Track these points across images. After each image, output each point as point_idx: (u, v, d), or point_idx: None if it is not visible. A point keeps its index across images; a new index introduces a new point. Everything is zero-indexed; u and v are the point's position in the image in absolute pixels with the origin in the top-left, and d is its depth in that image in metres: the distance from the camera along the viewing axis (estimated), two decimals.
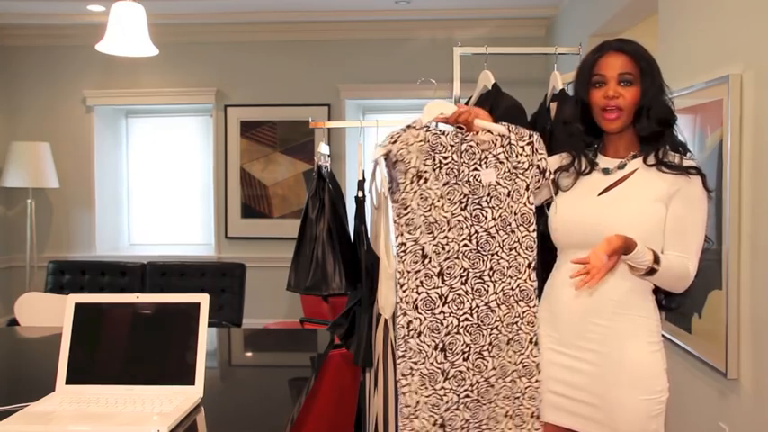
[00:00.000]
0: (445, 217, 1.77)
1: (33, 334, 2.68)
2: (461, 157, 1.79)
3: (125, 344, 1.70)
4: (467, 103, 2.84)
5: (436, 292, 1.77)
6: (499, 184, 1.77)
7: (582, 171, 1.83)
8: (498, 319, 1.77)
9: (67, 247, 6.02)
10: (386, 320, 2.59)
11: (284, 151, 5.86)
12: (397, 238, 1.80)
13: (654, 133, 1.75)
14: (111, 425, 1.43)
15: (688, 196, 1.71)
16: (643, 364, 1.72)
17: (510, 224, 1.77)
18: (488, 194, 1.77)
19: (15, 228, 5.94)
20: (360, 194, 2.69)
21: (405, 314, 1.80)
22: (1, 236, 5.92)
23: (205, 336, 1.66)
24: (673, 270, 1.68)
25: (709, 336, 2.40)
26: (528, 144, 1.80)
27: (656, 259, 1.65)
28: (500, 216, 1.77)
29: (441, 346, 1.78)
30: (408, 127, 1.82)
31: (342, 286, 2.62)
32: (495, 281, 1.77)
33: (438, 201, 1.77)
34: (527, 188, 1.79)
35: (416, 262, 1.78)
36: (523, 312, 1.78)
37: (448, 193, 1.77)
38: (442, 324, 1.78)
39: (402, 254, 1.79)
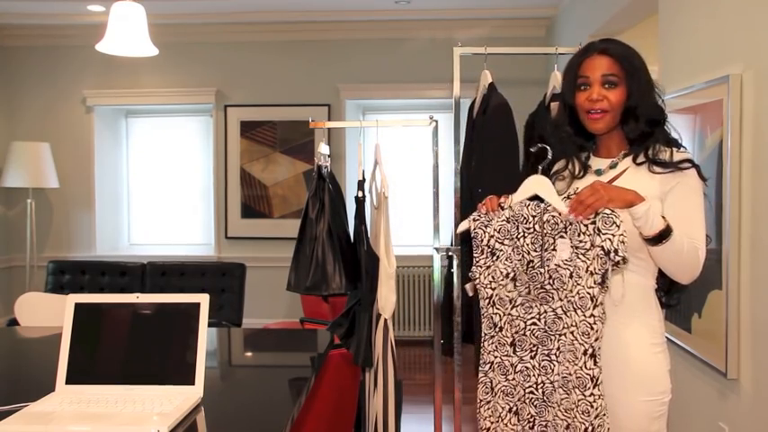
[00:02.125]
0: (508, 296, 1.78)
1: (33, 334, 2.68)
2: (543, 228, 1.75)
3: (125, 344, 1.69)
4: (471, 104, 2.84)
5: (508, 360, 1.80)
6: (559, 266, 1.72)
7: (576, 174, 1.83)
8: (557, 402, 1.74)
9: (67, 247, 6.02)
10: (386, 320, 2.59)
11: (284, 151, 5.86)
12: (482, 299, 1.85)
13: (643, 133, 1.74)
14: (110, 425, 1.43)
15: (684, 187, 1.69)
16: (645, 366, 1.72)
17: (574, 304, 1.73)
18: (550, 276, 1.73)
19: (15, 228, 5.95)
20: (360, 194, 2.70)
21: (485, 374, 1.83)
22: (1, 236, 5.93)
23: (205, 336, 1.65)
24: (684, 248, 1.65)
25: (710, 336, 2.40)
26: (591, 223, 1.69)
27: (669, 225, 1.63)
28: (566, 297, 1.73)
29: (514, 409, 1.80)
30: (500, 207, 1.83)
31: (342, 286, 2.62)
32: (561, 361, 1.73)
33: (503, 280, 1.78)
34: (587, 270, 1.70)
35: (491, 328, 1.82)
36: (578, 401, 1.70)
37: (514, 273, 1.78)
38: (514, 390, 1.79)
39: (482, 318, 1.85)
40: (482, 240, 1.82)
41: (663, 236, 1.63)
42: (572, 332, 1.72)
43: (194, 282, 4.93)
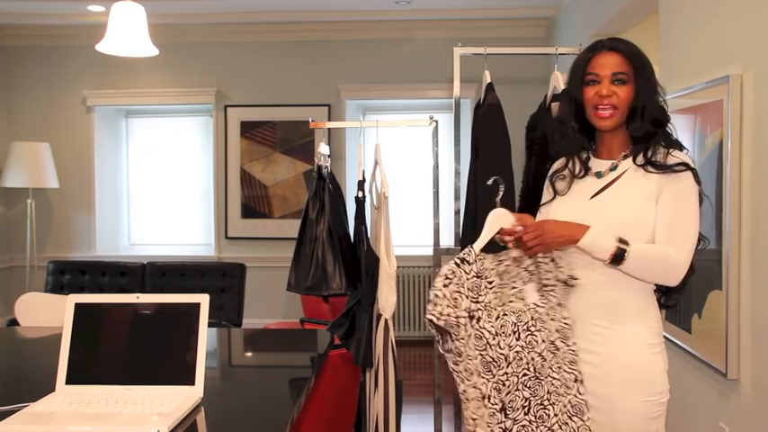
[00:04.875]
0: (503, 354, 1.71)
1: (33, 334, 2.68)
2: (501, 279, 1.73)
3: (125, 344, 1.69)
4: (477, 105, 2.84)
5: (500, 428, 1.72)
6: (537, 304, 1.73)
7: (576, 174, 1.83)
8: None
9: (67, 247, 6.02)
10: (386, 320, 2.59)
11: (284, 151, 5.86)
12: (458, 385, 1.75)
13: (647, 133, 1.74)
14: (111, 425, 1.43)
15: (675, 189, 1.69)
16: (643, 366, 1.72)
17: (553, 342, 1.73)
18: (532, 318, 1.72)
19: (15, 228, 5.95)
20: (360, 195, 2.70)
21: None
22: (1, 236, 5.93)
23: (205, 336, 1.65)
24: (649, 257, 1.66)
25: (710, 336, 2.40)
26: (551, 260, 1.75)
27: (621, 246, 1.63)
28: (546, 337, 1.73)
29: None
30: (462, 261, 1.71)
31: (342, 286, 2.62)
32: (554, 403, 1.73)
33: (493, 339, 1.71)
34: (559, 304, 1.74)
35: (479, 407, 1.73)
36: (578, 428, 1.73)
37: (501, 326, 1.71)
38: None
39: (466, 401, 1.74)
40: (459, 306, 1.70)
41: (618, 256, 1.64)
42: (560, 367, 1.73)
43: (194, 282, 4.93)
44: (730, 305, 2.26)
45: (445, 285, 1.70)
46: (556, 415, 1.73)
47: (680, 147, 1.77)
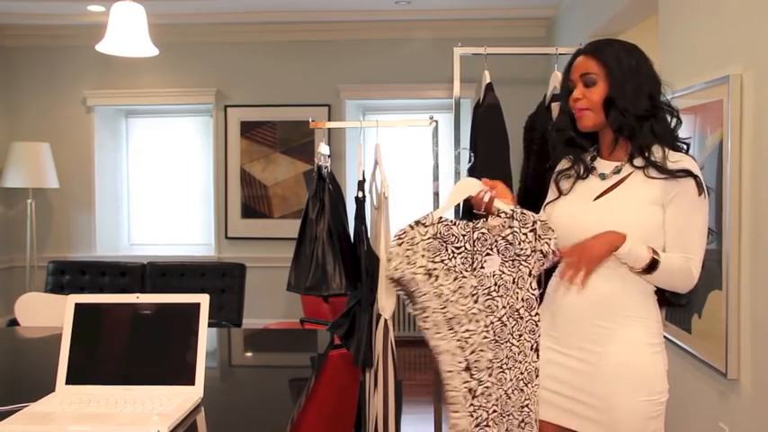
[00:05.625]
0: (462, 310, 1.78)
1: (33, 334, 2.68)
2: (474, 246, 1.79)
3: (125, 344, 1.69)
4: (476, 105, 2.85)
5: (466, 387, 1.79)
6: (503, 272, 1.79)
7: (580, 175, 1.84)
8: (513, 404, 1.82)
9: (67, 247, 6.02)
10: (386, 320, 2.59)
11: (284, 151, 5.86)
12: (429, 342, 1.82)
13: (627, 126, 1.73)
14: (111, 425, 1.43)
15: (683, 200, 1.69)
16: (642, 366, 1.72)
17: (518, 311, 1.81)
18: (495, 284, 1.79)
19: (15, 228, 5.95)
20: (360, 195, 2.70)
21: (455, 412, 1.82)
22: (1, 236, 5.93)
23: (205, 336, 1.65)
24: (674, 269, 1.68)
25: (710, 336, 2.40)
26: (531, 231, 1.80)
27: (655, 257, 1.65)
28: (509, 304, 1.80)
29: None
30: (417, 223, 1.79)
31: (342, 286, 2.62)
32: (511, 368, 1.81)
33: (453, 296, 1.78)
34: (530, 274, 1.81)
35: (451, 361, 1.81)
36: (530, 394, 1.82)
37: (459, 287, 1.78)
38: (472, 416, 1.80)
39: (439, 355, 1.82)
40: (415, 263, 1.78)
41: (652, 267, 1.66)
42: (521, 334, 1.81)
43: (194, 282, 4.93)
44: (730, 305, 2.26)
45: (398, 244, 1.78)
46: (511, 380, 1.81)
47: (671, 141, 1.74)
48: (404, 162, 5.90)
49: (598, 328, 1.75)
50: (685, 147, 1.78)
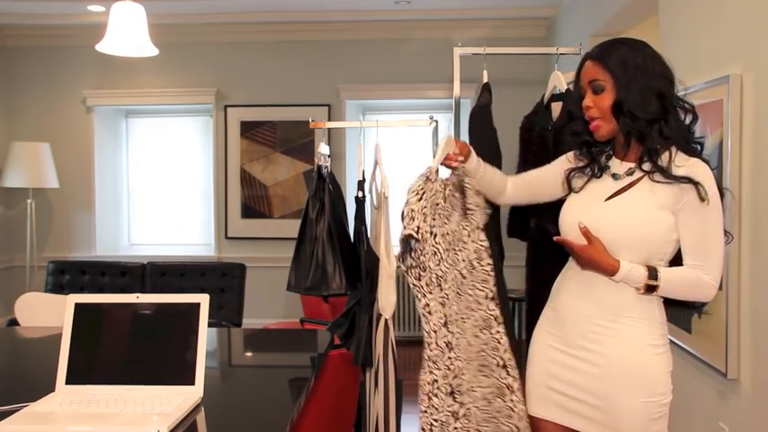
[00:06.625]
0: (448, 268, 1.84)
1: (33, 334, 2.68)
2: (446, 201, 1.87)
3: (125, 344, 1.69)
4: (478, 105, 2.85)
5: (444, 341, 1.85)
6: (463, 226, 1.86)
7: (594, 173, 1.83)
8: (473, 350, 1.89)
9: (67, 247, 6.02)
10: (386, 320, 2.59)
11: (284, 151, 5.86)
12: (419, 301, 1.86)
13: (636, 131, 1.72)
14: (111, 425, 1.43)
15: (691, 207, 1.67)
16: (645, 367, 1.72)
17: (471, 262, 1.87)
18: (457, 238, 1.85)
19: (15, 228, 5.95)
20: (360, 194, 2.69)
21: (430, 372, 1.87)
22: (1, 236, 5.93)
23: (205, 336, 1.65)
24: (682, 284, 1.68)
25: (710, 336, 2.40)
26: (477, 191, 1.91)
27: (649, 283, 1.67)
28: (466, 257, 1.86)
29: (450, 390, 1.86)
30: (427, 179, 1.83)
31: (342, 286, 2.62)
32: (468, 317, 1.88)
33: (445, 253, 1.84)
34: (478, 226, 1.88)
35: (437, 321, 1.86)
36: (488, 340, 1.89)
37: (449, 244, 1.84)
38: (449, 369, 1.85)
39: (428, 315, 1.86)
40: (425, 221, 1.85)
41: (651, 288, 1.68)
42: (474, 284, 1.88)
43: (194, 282, 4.93)
44: (730, 305, 2.26)
45: (419, 199, 1.81)
46: (470, 329, 1.89)
47: (684, 142, 1.71)
48: (404, 162, 5.90)
49: (601, 327, 1.74)
50: (699, 147, 1.75)
